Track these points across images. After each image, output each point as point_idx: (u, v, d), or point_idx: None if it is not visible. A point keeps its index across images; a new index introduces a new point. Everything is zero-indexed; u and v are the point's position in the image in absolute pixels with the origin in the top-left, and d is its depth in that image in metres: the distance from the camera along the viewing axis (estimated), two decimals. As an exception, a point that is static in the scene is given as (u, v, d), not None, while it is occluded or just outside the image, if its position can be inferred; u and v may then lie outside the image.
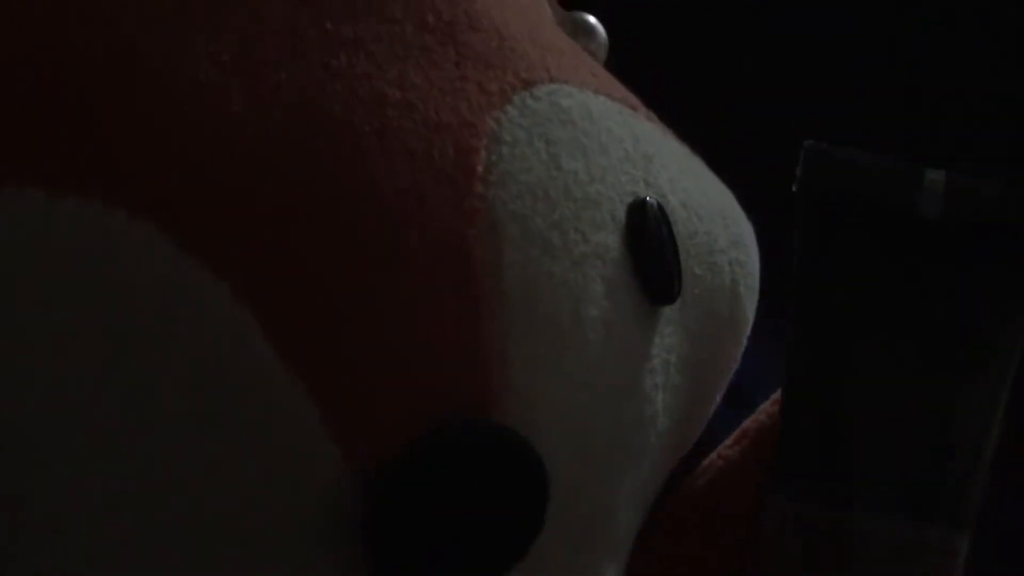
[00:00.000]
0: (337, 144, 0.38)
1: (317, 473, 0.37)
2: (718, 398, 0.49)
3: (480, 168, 0.40)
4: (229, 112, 0.37)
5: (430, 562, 0.38)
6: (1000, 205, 0.44)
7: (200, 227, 0.36)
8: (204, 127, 0.37)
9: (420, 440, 0.37)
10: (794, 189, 0.45)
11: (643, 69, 0.48)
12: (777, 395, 0.47)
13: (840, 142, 0.46)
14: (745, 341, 0.49)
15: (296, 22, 0.39)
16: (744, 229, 0.49)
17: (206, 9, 0.38)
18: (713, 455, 0.48)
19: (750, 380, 0.49)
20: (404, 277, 0.38)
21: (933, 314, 0.44)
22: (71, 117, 0.36)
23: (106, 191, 0.36)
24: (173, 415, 0.36)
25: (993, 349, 0.44)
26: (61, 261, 0.36)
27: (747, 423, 0.48)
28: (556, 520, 0.39)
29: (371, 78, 0.39)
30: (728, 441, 0.48)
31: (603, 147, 0.43)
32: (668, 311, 0.44)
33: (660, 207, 0.44)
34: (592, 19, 0.49)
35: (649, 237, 0.43)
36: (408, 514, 0.37)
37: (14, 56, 0.36)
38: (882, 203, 0.44)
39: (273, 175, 0.37)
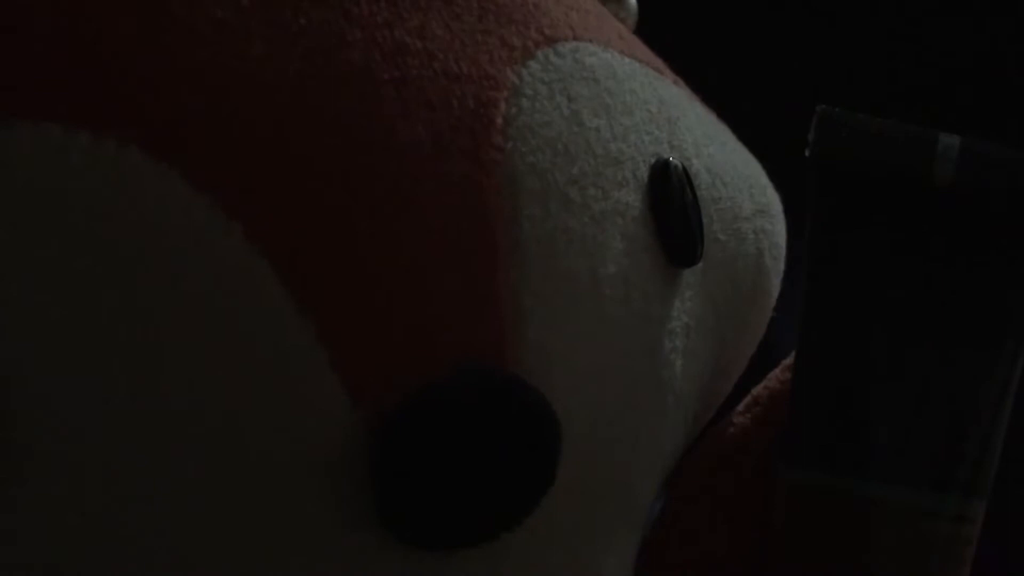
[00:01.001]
0: (355, 91, 0.38)
1: (326, 418, 0.37)
2: (741, 369, 0.48)
3: (499, 120, 0.39)
4: (248, 55, 0.37)
5: (439, 510, 0.37)
6: (1014, 171, 0.43)
7: (214, 167, 0.36)
8: (222, 68, 0.37)
9: (430, 387, 0.37)
10: (807, 154, 0.44)
11: (671, 37, 0.48)
12: (788, 361, 0.47)
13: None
14: (770, 312, 0.48)
15: None
16: (771, 199, 0.48)
17: None
18: (724, 421, 0.47)
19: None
20: (419, 224, 0.38)
21: (946, 282, 0.44)
22: (88, 54, 0.36)
23: (121, 128, 0.36)
24: (182, 356, 0.36)
25: (1008, 316, 0.44)
26: (75, 197, 0.36)
27: (758, 390, 0.47)
28: (567, 477, 0.39)
29: (391, 26, 0.39)
30: (739, 408, 0.47)
31: (627, 107, 0.43)
32: (689, 274, 0.43)
33: (684, 169, 0.43)
34: (622, -14, 0.49)
35: (671, 197, 0.43)
36: (417, 461, 0.37)
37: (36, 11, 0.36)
38: (895, 168, 0.43)
39: (290, 119, 0.37)
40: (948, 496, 0.43)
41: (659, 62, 0.46)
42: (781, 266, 0.48)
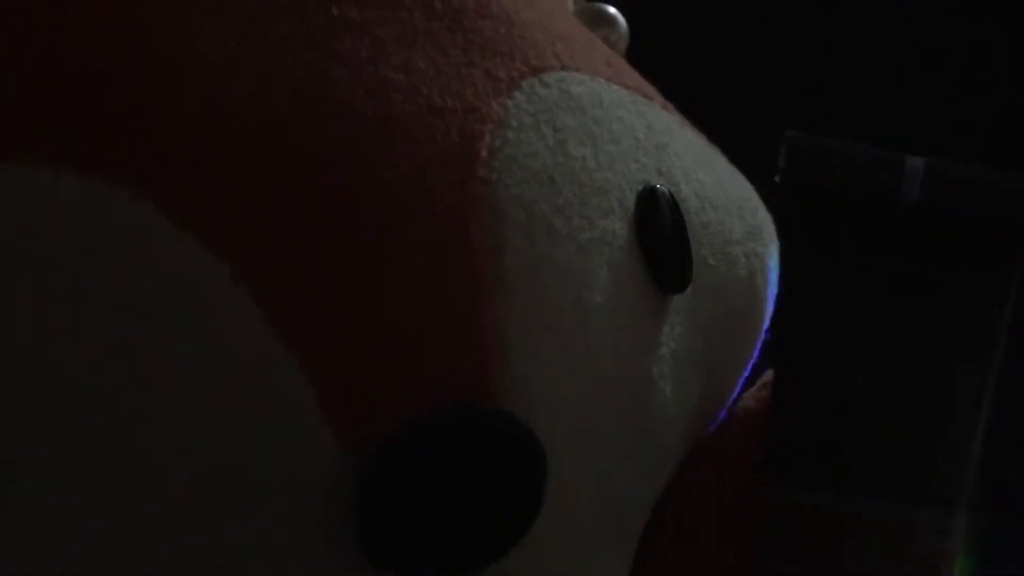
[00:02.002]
0: (340, 128, 0.38)
1: (313, 456, 0.37)
2: (734, 390, 0.48)
3: (484, 152, 0.39)
4: (233, 95, 0.38)
5: (426, 545, 0.38)
6: (978, 190, 0.44)
7: (200, 208, 0.37)
8: (208, 109, 0.37)
9: (416, 423, 0.37)
10: (776, 179, 0.45)
11: (662, 60, 0.48)
12: (764, 379, 0.47)
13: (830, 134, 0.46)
14: (762, 334, 0.48)
15: (303, 5, 0.39)
16: (763, 221, 0.48)
17: None
18: (703, 439, 0.47)
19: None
20: (404, 260, 0.38)
21: (917, 300, 0.44)
22: (75, 95, 0.37)
23: (107, 169, 0.36)
24: (170, 395, 0.37)
25: (981, 331, 0.44)
26: (61, 239, 0.36)
27: (734, 408, 0.48)
28: (555, 506, 0.39)
29: (376, 63, 0.39)
30: (718, 424, 0.48)
31: (613, 135, 0.43)
32: (679, 301, 0.44)
33: (671, 195, 0.44)
34: (612, 9, 0.49)
35: (658, 225, 0.43)
36: (403, 497, 0.37)
37: (17, 34, 0.37)
38: (864, 191, 0.44)
39: (275, 159, 0.37)
40: (924, 509, 0.44)
41: (648, 87, 0.46)
42: (773, 288, 0.48)
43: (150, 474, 0.37)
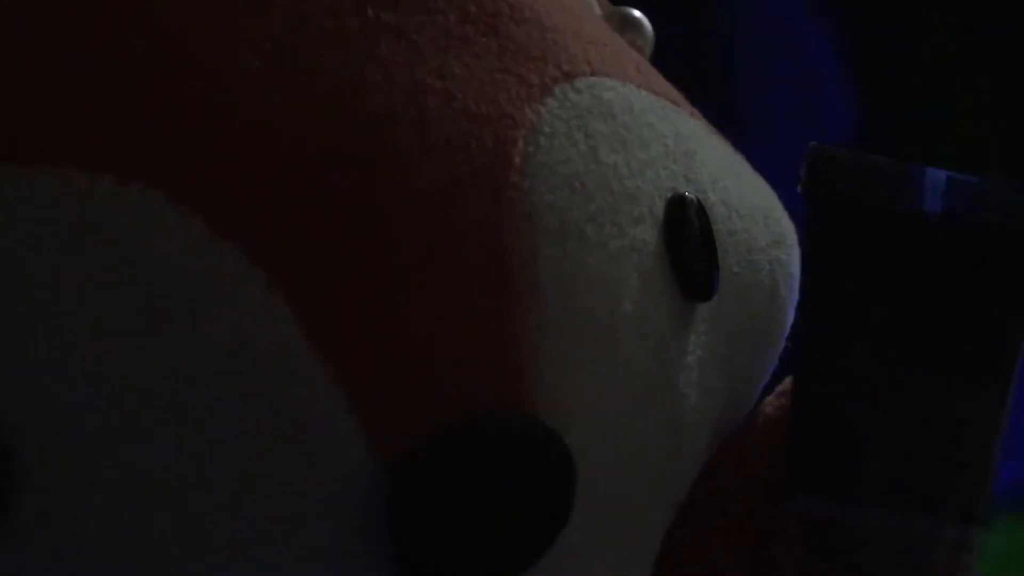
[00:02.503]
0: (375, 133, 0.38)
1: (343, 463, 0.37)
2: (754, 399, 0.48)
3: (517, 159, 0.39)
4: (269, 99, 0.38)
5: (454, 553, 0.38)
6: (998, 204, 0.44)
7: (236, 213, 0.37)
8: (244, 113, 0.37)
9: (447, 432, 0.37)
10: (799, 190, 0.45)
11: (687, 65, 0.48)
12: (782, 387, 0.47)
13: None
14: (783, 343, 0.48)
15: (339, 9, 0.39)
16: (786, 229, 0.48)
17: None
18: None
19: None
20: (437, 267, 0.38)
21: (940, 312, 0.44)
22: (111, 97, 0.37)
23: (144, 173, 0.36)
24: (202, 399, 0.36)
25: (1001, 344, 0.44)
26: (96, 240, 0.36)
27: (752, 414, 0.47)
28: (582, 515, 0.39)
29: (412, 67, 0.39)
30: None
31: (643, 142, 0.43)
32: (704, 309, 0.44)
33: (700, 203, 0.44)
34: (638, 14, 0.49)
35: (687, 233, 0.43)
36: (433, 505, 0.37)
37: (55, 35, 0.37)
38: (885, 204, 0.44)
39: (311, 164, 0.37)
40: (943, 525, 0.44)
41: (676, 93, 0.46)
42: (795, 296, 0.48)
43: (176, 481, 0.37)
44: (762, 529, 0.45)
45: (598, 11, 0.48)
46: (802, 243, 0.47)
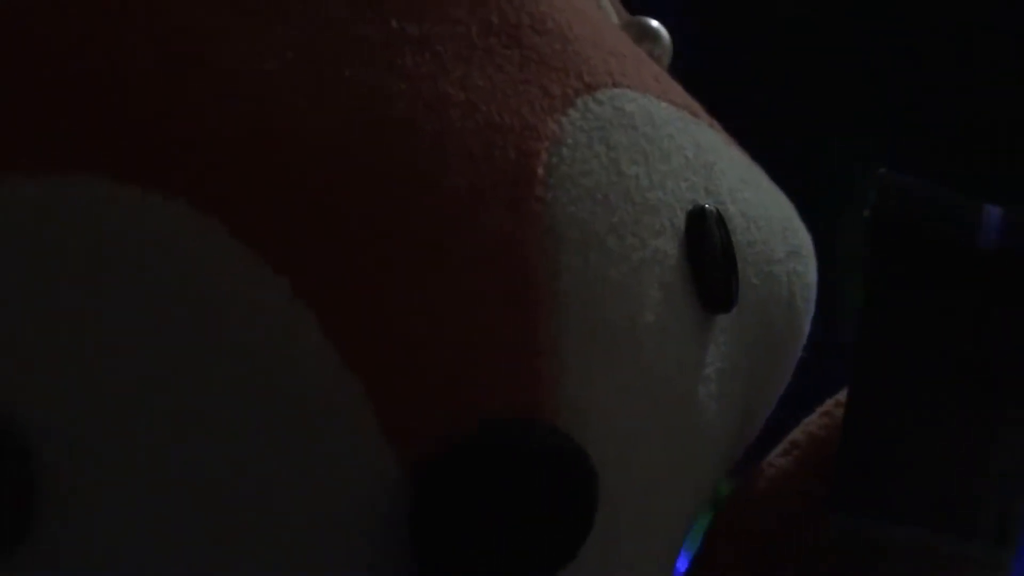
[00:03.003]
0: (399, 144, 0.38)
1: (369, 470, 0.37)
2: (770, 409, 0.48)
3: (541, 171, 0.39)
4: (292, 108, 0.38)
5: (477, 563, 0.38)
6: None
7: (260, 222, 0.37)
8: (266, 122, 0.37)
9: (471, 440, 0.37)
10: (865, 215, 0.45)
11: (706, 75, 0.48)
12: (825, 407, 0.48)
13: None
14: (799, 354, 0.48)
15: (362, 19, 0.39)
16: (803, 240, 0.48)
17: (270, 5, 0.39)
18: (763, 463, 0.48)
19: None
20: (461, 278, 0.38)
21: (992, 342, 0.45)
22: (134, 107, 0.37)
23: (168, 182, 0.36)
24: (227, 406, 0.36)
25: None
26: (121, 250, 0.36)
27: (796, 434, 0.48)
28: (603, 525, 0.39)
29: (435, 78, 0.39)
30: (778, 450, 0.48)
31: (664, 153, 0.43)
32: (724, 320, 0.44)
33: (719, 215, 0.44)
34: (656, 23, 0.49)
35: (707, 244, 0.43)
36: (457, 514, 0.37)
37: (80, 46, 0.37)
38: (945, 234, 0.45)
39: (334, 174, 0.37)
40: (977, 544, 0.44)
41: (695, 104, 0.46)
42: (812, 308, 0.48)
43: (199, 487, 0.37)
44: (807, 545, 0.45)
45: (616, 21, 0.48)
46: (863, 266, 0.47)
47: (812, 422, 0.48)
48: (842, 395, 0.47)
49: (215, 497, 0.37)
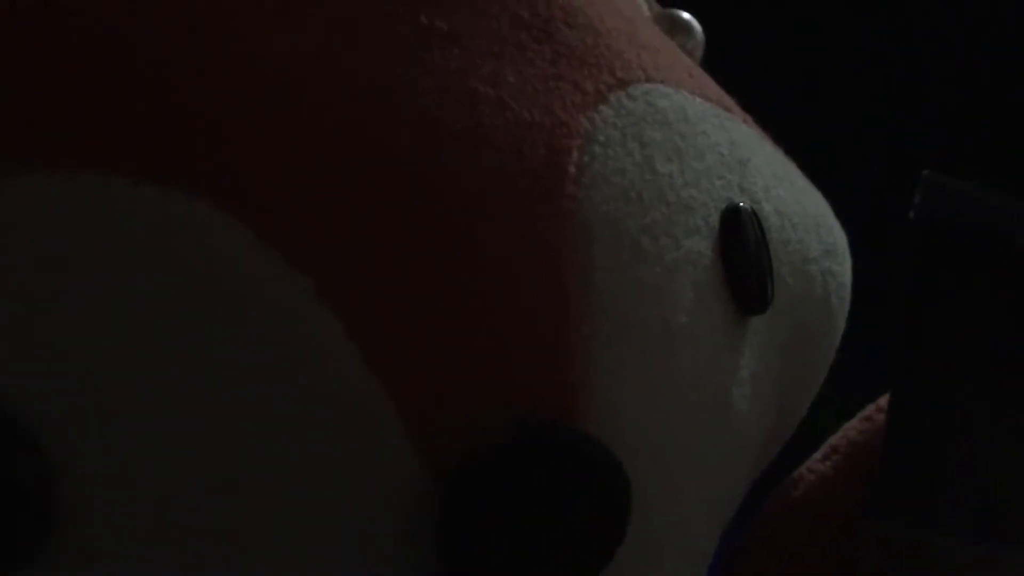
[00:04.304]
0: (427, 141, 0.37)
1: (394, 476, 0.36)
2: (805, 409, 0.47)
3: (572, 169, 0.38)
4: (316, 106, 0.37)
5: (506, 567, 0.37)
6: None
7: (285, 221, 0.36)
8: (290, 120, 0.36)
9: (499, 446, 0.36)
10: (911, 217, 0.45)
11: (738, 68, 0.47)
12: (866, 412, 0.47)
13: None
14: (834, 354, 0.47)
15: (390, 13, 0.38)
16: (838, 238, 0.47)
17: (305, 3, 0.38)
18: (802, 468, 0.47)
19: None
20: (491, 279, 0.37)
21: None
22: (152, 106, 0.36)
23: (192, 181, 0.35)
24: (249, 411, 0.36)
25: None
26: (142, 250, 0.35)
27: (835, 439, 0.47)
28: (636, 530, 0.38)
29: (464, 74, 0.38)
30: (817, 455, 0.47)
31: (698, 150, 0.42)
32: (758, 321, 0.43)
33: (754, 214, 0.43)
34: (688, 16, 0.48)
35: (742, 245, 0.42)
36: (485, 521, 0.36)
37: (96, 43, 0.36)
38: (989, 236, 0.45)
39: (359, 171, 0.36)
40: (1017, 551, 0.43)
41: (728, 99, 0.45)
42: (847, 307, 0.47)
43: (222, 492, 0.36)
44: (849, 551, 0.45)
45: (647, 13, 0.47)
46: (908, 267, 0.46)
47: (852, 427, 0.47)
48: (883, 400, 0.46)
49: (236, 499, 0.36)
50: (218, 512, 0.36)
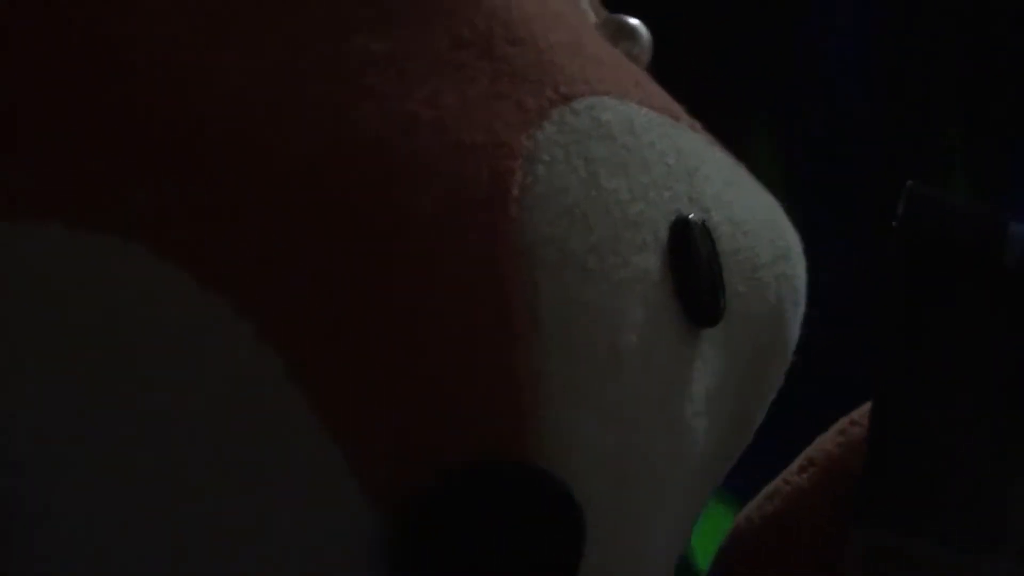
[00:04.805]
0: (367, 168, 0.36)
1: (341, 516, 0.36)
2: (760, 418, 0.47)
3: (515, 191, 0.38)
4: (255, 137, 0.36)
5: None
6: None
7: (222, 264, 0.35)
8: (226, 157, 0.36)
9: (447, 482, 0.36)
10: (894, 226, 0.45)
11: (683, 71, 0.46)
12: (840, 424, 0.47)
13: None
14: (789, 361, 0.47)
15: (324, 36, 0.38)
16: (790, 241, 0.47)
17: (239, 25, 0.37)
18: (778, 480, 0.47)
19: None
20: (435, 308, 0.36)
21: (1014, 359, 0.44)
22: (90, 151, 0.35)
23: (125, 227, 0.35)
24: (192, 457, 0.35)
25: None
26: (79, 297, 0.34)
27: (811, 451, 0.47)
28: (591, 560, 0.38)
29: (403, 97, 0.37)
30: (793, 468, 0.47)
31: (645, 163, 0.41)
32: (710, 333, 0.42)
33: (704, 224, 0.42)
34: (635, 21, 0.47)
35: (692, 258, 0.41)
36: (436, 559, 0.36)
37: (28, 84, 0.35)
38: (972, 250, 0.45)
39: (300, 206, 0.36)
40: (1001, 560, 0.44)
41: (676, 106, 0.45)
42: (801, 310, 0.47)
43: (168, 537, 0.36)
44: (831, 561, 0.45)
45: (593, 19, 0.47)
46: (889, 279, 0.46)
47: (828, 439, 0.47)
48: (856, 413, 0.46)
49: (180, 542, 0.36)
50: (158, 557, 0.35)
